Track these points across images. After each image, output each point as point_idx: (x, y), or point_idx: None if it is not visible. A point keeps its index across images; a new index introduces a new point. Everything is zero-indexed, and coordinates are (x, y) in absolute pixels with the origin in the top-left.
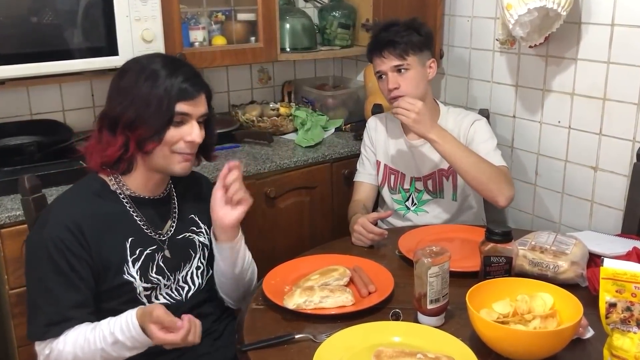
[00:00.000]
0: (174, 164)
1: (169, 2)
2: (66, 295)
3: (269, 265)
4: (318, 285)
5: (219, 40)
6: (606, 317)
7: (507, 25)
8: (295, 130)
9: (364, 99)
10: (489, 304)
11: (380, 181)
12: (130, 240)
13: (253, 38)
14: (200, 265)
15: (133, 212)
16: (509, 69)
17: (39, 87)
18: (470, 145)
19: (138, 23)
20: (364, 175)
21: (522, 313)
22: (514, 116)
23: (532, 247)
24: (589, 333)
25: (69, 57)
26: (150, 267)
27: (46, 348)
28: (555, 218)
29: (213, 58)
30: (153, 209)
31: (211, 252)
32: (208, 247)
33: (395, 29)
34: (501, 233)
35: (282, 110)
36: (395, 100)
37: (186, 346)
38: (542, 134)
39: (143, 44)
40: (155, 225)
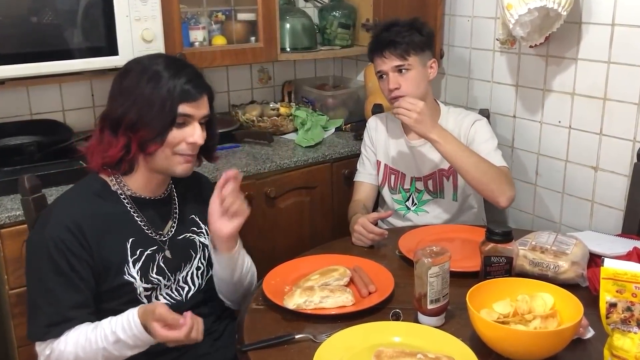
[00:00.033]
0: (176, 165)
1: (169, 2)
2: (66, 295)
3: (269, 265)
4: (318, 285)
5: (219, 40)
6: (607, 317)
7: (508, 25)
8: (295, 130)
9: (364, 99)
10: (490, 304)
11: (380, 181)
12: (130, 240)
13: (253, 38)
14: (200, 265)
15: (134, 213)
16: (510, 69)
17: (39, 87)
18: (471, 145)
19: (138, 23)
20: (364, 175)
21: (523, 313)
22: (514, 116)
23: (533, 247)
24: (590, 333)
25: (69, 57)
26: (150, 268)
27: (47, 348)
28: (555, 218)
29: (213, 58)
30: (154, 210)
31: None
32: (208, 248)
33: (396, 29)
34: (501, 233)
35: (282, 110)
36: (395, 100)
37: (189, 343)
38: (543, 134)
39: (143, 44)
40: (155, 225)
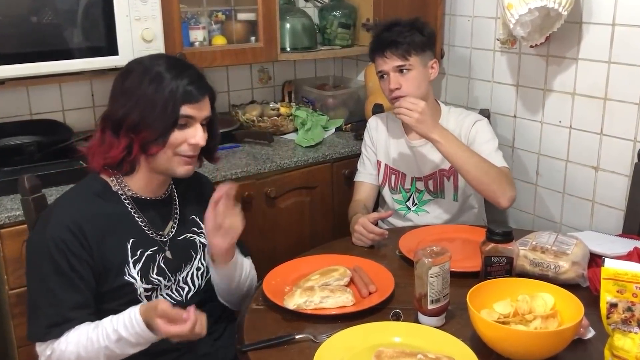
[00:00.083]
0: (177, 166)
1: (169, 2)
2: (67, 295)
3: (269, 265)
4: (318, 285)
5: (219, 40)
6: (607, 318)
7: (508, 25)
8: (295, 130)
9: (365, 99)
10: (490, 304)
11: (380, 181)
12: (131, 241)
13: (253, 38)
14: (200, 266)
15: (134, 213)
16: (510, 69)
17: (39, 87)
18: (471, 145)
19: (138, 23)
20: (365, 175)
21: (523, 313)
22: (515, 116)
23: (533, 247)
24: (590, 333)
25: (69, 57)
26: (151, 268)
27: (47, 349)
28: (556, 218)
29: (213, 58)
30: (154, 210)
31: None
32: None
33: (398, 29)
34: (502, 233)
35: (283, 110)
36: (396, 100)
37: (193, 339)
38: (543, 134)
39: (143, 44)
40: (156, 226)
